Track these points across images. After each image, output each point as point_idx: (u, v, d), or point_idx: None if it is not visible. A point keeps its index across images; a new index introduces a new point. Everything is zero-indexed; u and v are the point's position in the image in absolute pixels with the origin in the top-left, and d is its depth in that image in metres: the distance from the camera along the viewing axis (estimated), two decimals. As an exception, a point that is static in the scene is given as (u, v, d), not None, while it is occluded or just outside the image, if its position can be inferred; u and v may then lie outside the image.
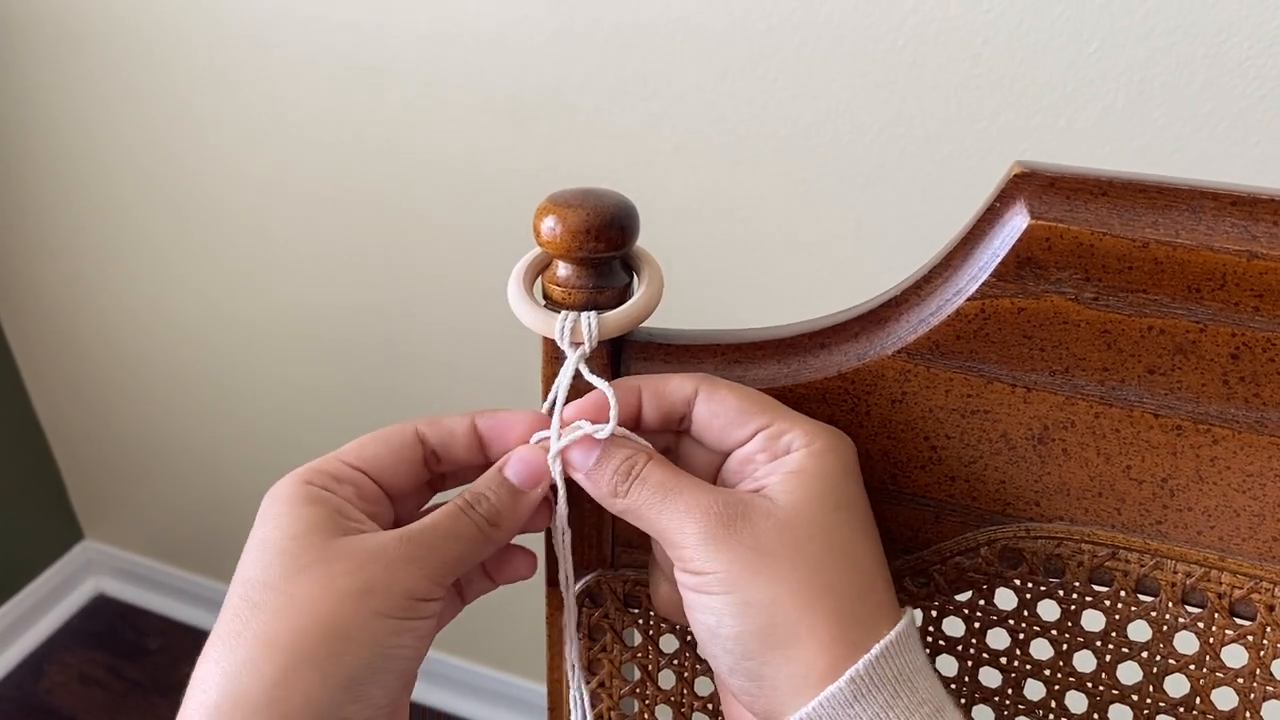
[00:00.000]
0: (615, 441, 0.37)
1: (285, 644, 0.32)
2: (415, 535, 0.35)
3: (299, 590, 0.33)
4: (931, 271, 0.36)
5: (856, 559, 0.34)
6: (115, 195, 1.23)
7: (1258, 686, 0.38)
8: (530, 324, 0.38)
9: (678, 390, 0.37)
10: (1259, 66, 0.73)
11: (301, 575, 0.33)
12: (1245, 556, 0.36)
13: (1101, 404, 0.36)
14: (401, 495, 0.39)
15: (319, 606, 0.32)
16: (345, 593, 0.33)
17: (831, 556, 0.33)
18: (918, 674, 0.33)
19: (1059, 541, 0.38)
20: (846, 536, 0.34)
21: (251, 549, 0.35)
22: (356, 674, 0.32)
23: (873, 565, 0.35)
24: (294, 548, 0.34)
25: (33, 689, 1.50)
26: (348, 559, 0.34)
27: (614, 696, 0.45)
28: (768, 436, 0.36)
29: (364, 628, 0.33)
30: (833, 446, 0.35)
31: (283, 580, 0.33)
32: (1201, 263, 0.33)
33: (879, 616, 0.33)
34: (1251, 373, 0.34)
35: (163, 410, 1.42)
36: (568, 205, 0.36)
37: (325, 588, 0.33)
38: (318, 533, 0.34)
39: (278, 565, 0.33)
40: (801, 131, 0.87)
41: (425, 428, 0.39)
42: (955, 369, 0.36)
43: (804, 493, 0.34)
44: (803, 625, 0.32)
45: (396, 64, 0.98)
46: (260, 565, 0.34)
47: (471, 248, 1.07)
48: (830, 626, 0.32)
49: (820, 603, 0.33)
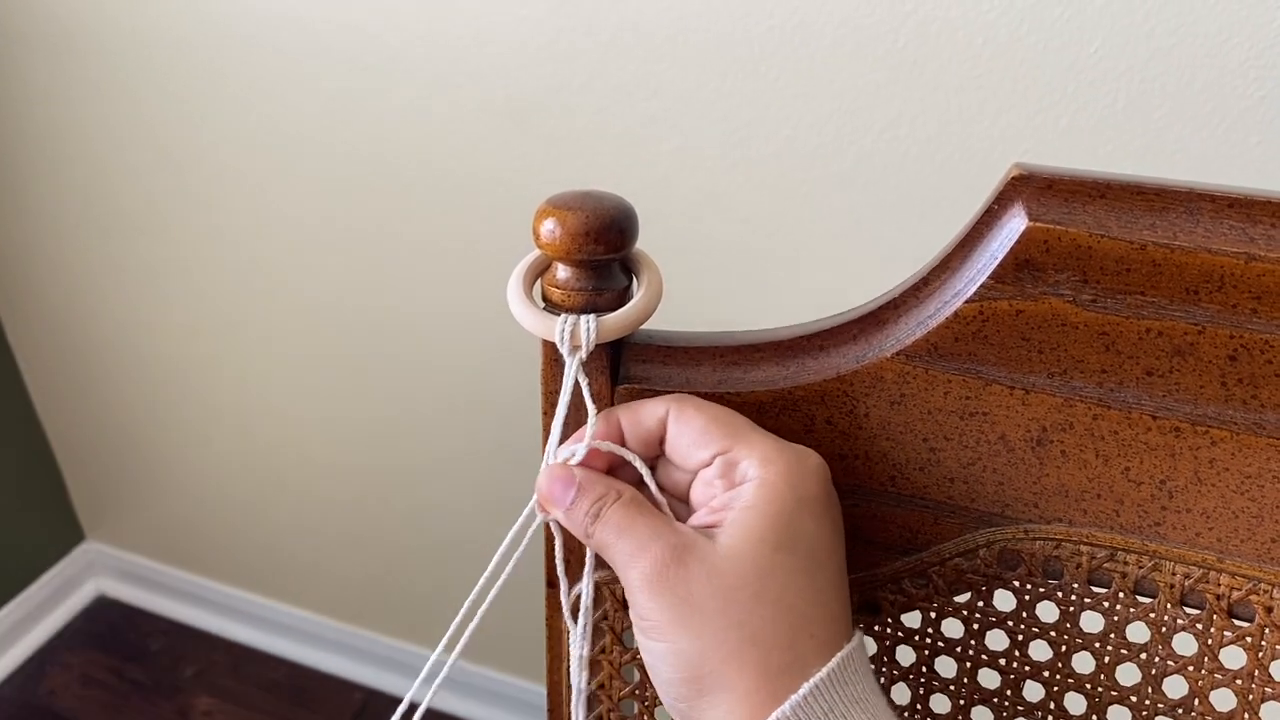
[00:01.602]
0: (590, 480, 0.38)
1: None
2: None
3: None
4: (930, 274, 0.36)
5: (789, 605, 0.34)
6: (115, 197, 1.23)
7: (1256, 688, 0.38)
8: (529, 326, 0.38)
9: (650, 413, 0.38)
10: (1260, 67, 0.73)
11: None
12: (1244, 558, 0.36)
13: (1100, 406, 0.36)
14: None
15: None
16: None
17: (760, 606, 0.34)
18: (853, 706, 0.34)
19: (1058, 543, 0.38)
20: (781, 582, 0.34)
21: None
22: None
23: (810, 607, 0.35)
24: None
25: (34, 690, 1.51)
26: None
27: (614, 698, 0.45)
28: (725, 462, 0.36)
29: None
30: (787, 474, 0.35)
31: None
32: (1199, 265, 0.33)
33: (809, 662, 0.34)
34: (1249, 374, 0.34)
35: (164, 411, 1.42)
36: (567, 208, 0.36)
37: None
38: None
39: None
40: (802, 132, 0.87)
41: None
42: (954, 371, 0.36)
43: (744, 534, 0.35)
44: (725, 677, 0.34)
45: (397, 65, 0.99)
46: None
47: (472, 249, 1.07)
48: (750, 678, 0.33)
49: (742, 655, 0.34)
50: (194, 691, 1.48)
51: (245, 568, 1.50)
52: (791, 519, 0.35)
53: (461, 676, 1.43)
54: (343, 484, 1.33)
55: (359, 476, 1.31)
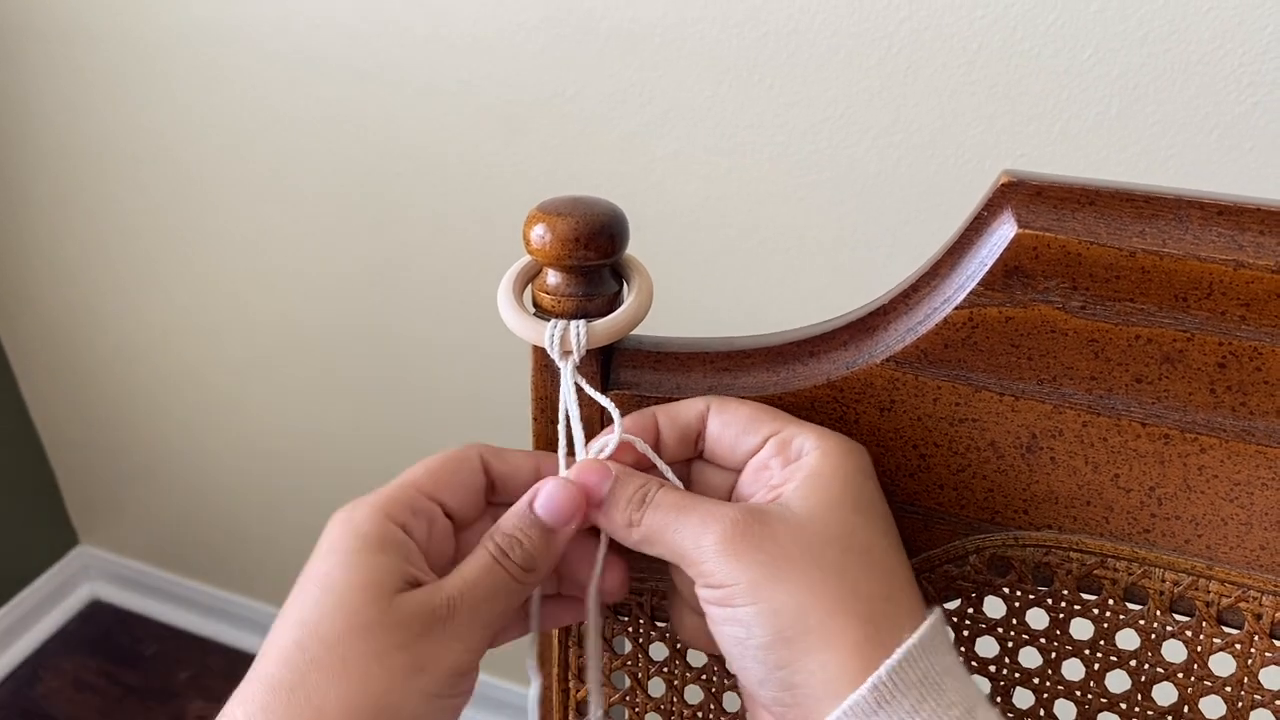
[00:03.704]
0: (626, 475, 0.36)
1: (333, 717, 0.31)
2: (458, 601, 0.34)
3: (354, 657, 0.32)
4: (919, 280, 0.36)
5: (878, 561, 0.34)
6: (112, 200, 1.23)
7: (1245, 695, 0.38)
8: (519, 332, 0.38)
9: (689, 409, 0.38)
10: (1252, 73, 0.73)
11: (358, 638, 0.32)
12: (1233, 565, 0.36)
13: (1089, 413, 0.36)
14: (464, 525, 0.38)
15: (372, 683, 0.32)
16: (397, 670, 0.32)
17: (854, 559, 0.33)
18: (946, 675, 0.32)
19: (1047, 549, 0.38)
20: (867, 539, 0.34)
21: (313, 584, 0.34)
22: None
23: (896, 566, 0.34)
24: (356, 601, 0.33)
25: (28, 694, 1.50)
26: (402, 629, 0.33)
27: (604, 704, 0.45)
28: (779, 442, 0.36)
29: (414, 710, 0.33)
30: (846, 449, 0.36)
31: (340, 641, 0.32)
32: (1188, 272, 0.33)
33: (905, 619, 0.33)
34: (1238, 381, 0.34)
35: (159, 415, 1.41)
36: (557, 213, 0.36)
37: (380, 661, 0.32)
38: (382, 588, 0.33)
39: (338, 619, 0.33)
40: (796, 138, 0.87)
41: (490, 458, 0.38)
42: (943, 377, 0.37)
43: (820, 496, 0.34)
44: (833, 629, 0.32)
45: (394, 69, 0.99)
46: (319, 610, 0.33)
47: (469, 253, 1.07)
48: (860, 628, 0.32)
49: (848, 606, 0.32)
50: (188, 696, 1.48)
51: (240, 572, 1.50)
52: (859, 486, 0.35)
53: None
54: (337, 488, 1.33)
55: (353, 480, 1.31)
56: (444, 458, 0.38)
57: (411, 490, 0.36)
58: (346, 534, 0.35)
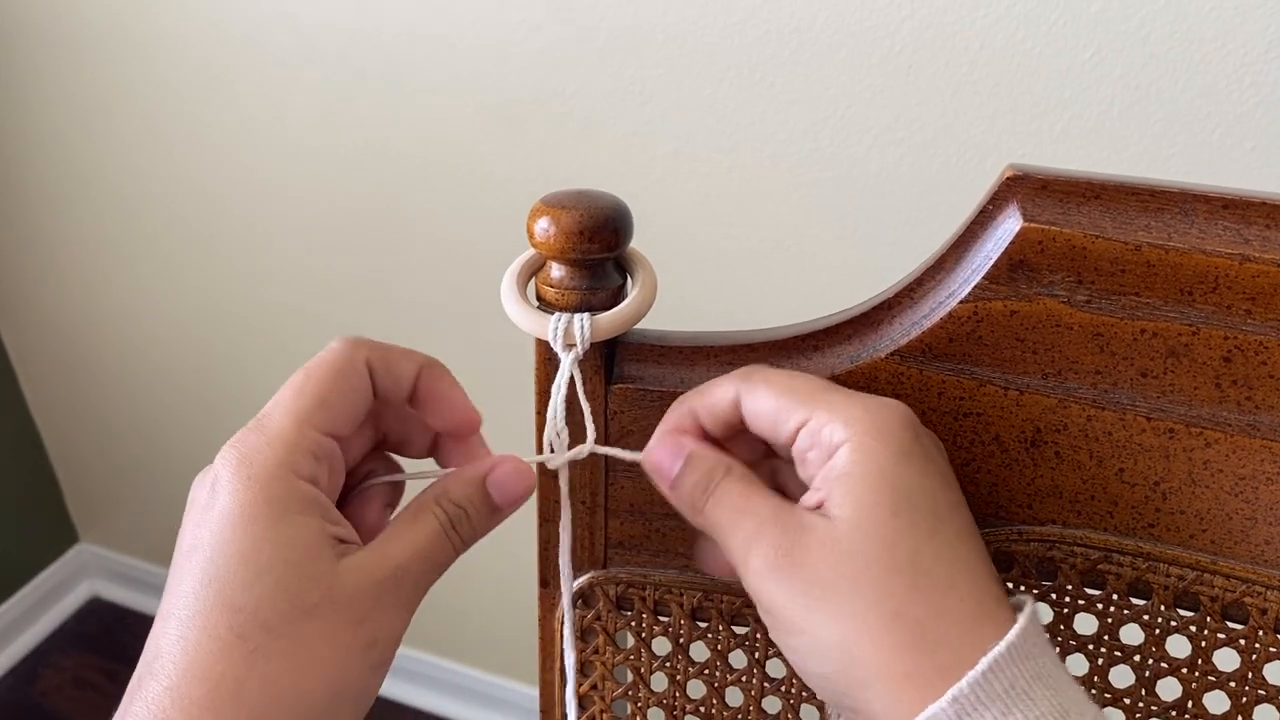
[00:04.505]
0: (700, 452, 0.36)
1: (288, 708, 0.30)
2: (404, 572, 0.33)
3: (304, 642, 0.30)
4: (924, 274, 0.36)
5: (925, 571, 0.31)
6: (111, 200, 1.23)
7: (1250, 690, 0.38)
8: (523, 325, 0.38)
9: (721, 398, 0.35)
10: (1255, 73, 0.73)
11: (306, 621, 0.30)
12: (1237, 560, 0.36)
13: (1094, 407, 0.36)
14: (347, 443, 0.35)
15: (326, 667, 0.30)
16: (350, 649, 0.31)
17: (898, 580, 0.31)
18: (1036, 681, 0.30)
19: (1051, 544, 0.38)
20: (910, 548, 0.31)
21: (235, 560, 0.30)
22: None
23: (948, 570, 0.31)
24: (295, 580, 0.30)
25: (27, 692, 1.50)
26: (350, 606, 0.31)
27: (606, 699, 0.45)
28: (810, 433, 0.33)
29: (363, 684, 0.32)
30: (876, 431, 0.32)
31: (286, 625, 0.30)
32: (1194, 266, 0.33)
33: (964, 633, 0.30)
34: (1244, 376, 0.34)
35: (159, 413, 1.41)
36: (561, 206, 0.36)
37: (333, 643, 0.31)
38: (318, 560, 0.31)
39: (280, 602, 0.30)
40: (798, 136, 0.87)
41: (376, 365, 0.35)
42: (948, 371, 0.36)
43: (855, 504, 0.31)
44: (879, 661, 0.30)
45: (393, 67, 0.99)
46: (254, 594, 0.30)
47: (467, 251, 1.07)
48: (908, 658, 0.30)
49: (893, 636, 0.30)
50: (187, 694, 1.47)
51: (239, 570, 1.50)
52: (897, 477, 0.32)
53: (452, 679, 1.42)
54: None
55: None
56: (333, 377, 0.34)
57: (311, 432, 0.33)
58: (256, 498, 0.31)
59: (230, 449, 0.32)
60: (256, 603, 0.30)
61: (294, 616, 0.30)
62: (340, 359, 0.34)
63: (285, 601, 0.30)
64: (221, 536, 0.31)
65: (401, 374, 0.35)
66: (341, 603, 0.31)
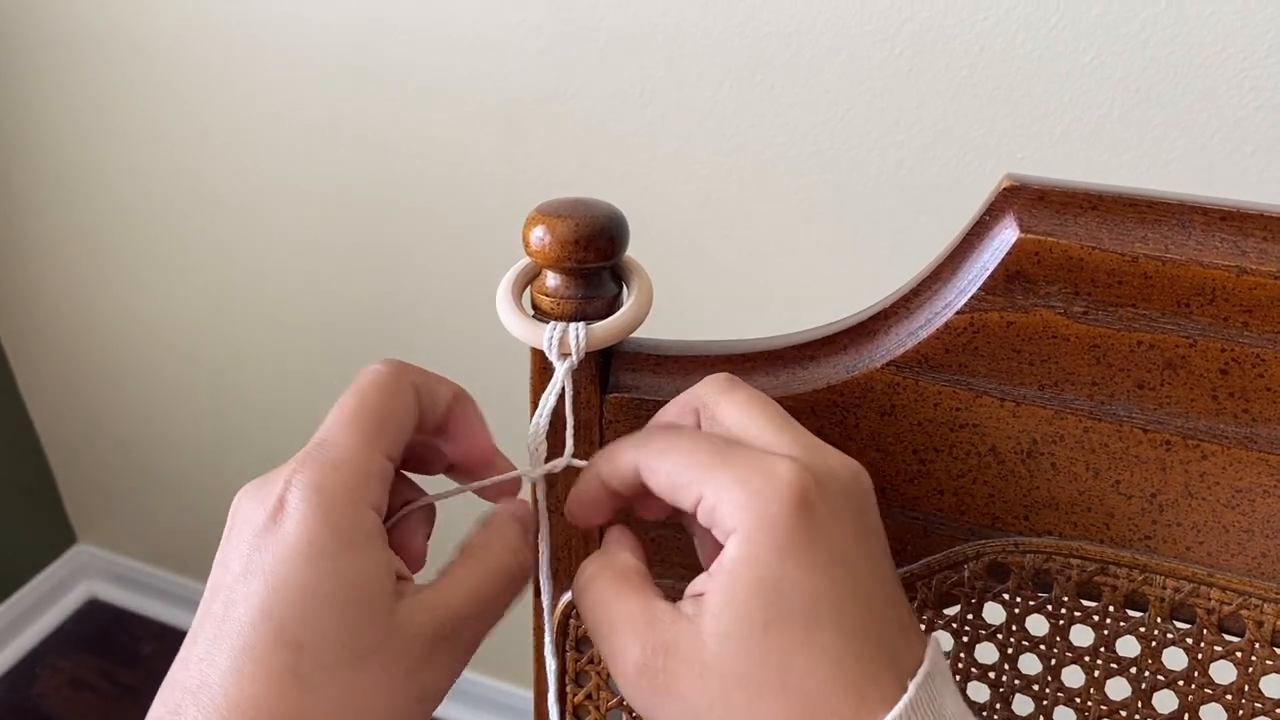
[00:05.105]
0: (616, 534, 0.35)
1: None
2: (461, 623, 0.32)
3: (357, 687, 0.29)
4: (920, 284, 0.36)
5: (794, 688, 0.29)
6: (110, 200, 1.23)
7: (1245, 703, 0.37)
8: (518, 334, 0.38)
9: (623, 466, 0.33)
10: (1255, 78, 0.73)
11: (360, 667, 0.29)
12: (1234, 572, 0.36)
13: (1090, 418, 0.35)
14: None
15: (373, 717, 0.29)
16: (403, 699, 0.30)
17: (765, 700, 0.29)
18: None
19: (1048, 556, 0.38)
20: (779, 665, 0.29)
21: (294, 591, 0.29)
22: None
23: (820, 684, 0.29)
24: (355, 620, 0.29)
25: (25, 693, 1.50)
26: (408, 654, 0.30)
27: (601, 709, 0.45)
28: (706, 512, 0.31)
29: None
30: (766, 518, 0.29)
31: (341, 667, 0.29)
32: (1191, 277, 0.33)
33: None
34: (1241, 388, 0.34)
35: (157, 414, 1.41)
36: (556, 215, 0.36)
37: (387, 692, 0.29)
38: (379, 600, 0.30)
39: (338, 642, 0.29)
40: (798, 140, 0.87)
41: (422, 390, 0.34)
42: (944, 382, 0.36)
43: (729, 614, 0.29)
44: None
45: (394, 68, 0.98)
46: (313, 630, 0.29)
47: (468, 254, 1.07)
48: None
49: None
50: (185, 695, 1.47)
51: (238, 571, 1.50)
52: (777, 581, 0.29)
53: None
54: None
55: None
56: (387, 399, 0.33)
57: (378, 457, 0.32)
58: (324, 529, 0.29)
59: (299, 473, 0.31)
60: (316, 640, 0.29)
61: (348, 660, 0.29)
62: (390, 381, 0.33)
63: (342, 643, 0.29)
64: (286, 567, 0.29)
65: (439, 399, 0.35)
66: (396, 651, 0.30)
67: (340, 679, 0.29)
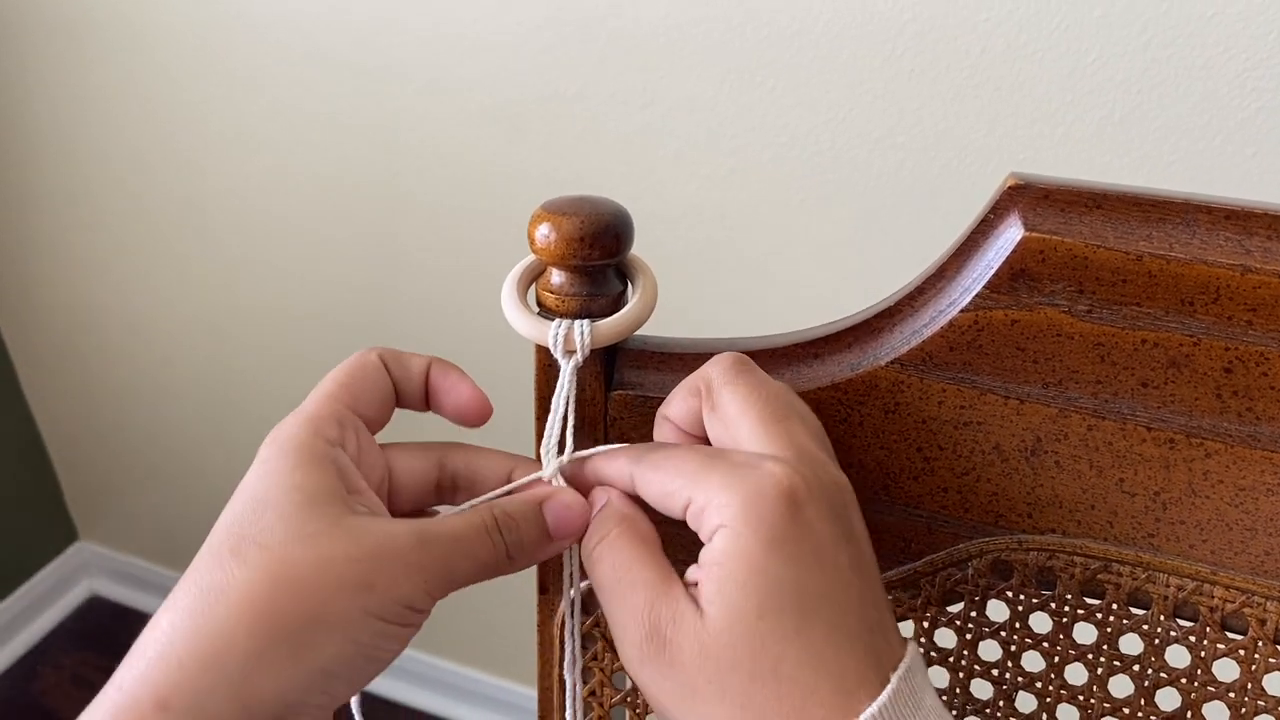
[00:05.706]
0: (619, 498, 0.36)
1: (267, 617, 0.30)
2: (431, 540, 0.33)
3: (294, 560, 0.31)
4: (925, 282, 0.36)
5: (787, 677, 0.30)
6: (111, 196, 1.23)
7: (1249, 701, 0.38)
8: (523, 331, 0.38)
9: (618, 476, 0.36)
10: (1256, 79, 0.73)
11: (301, 545, 0.31)
12: (1237, 570, 0.36)
13: (1094, 417, 0.35)
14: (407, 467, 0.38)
15: (312, 589, 0.31)
16: (342, 582, 0.31)
17: (756, 686, 0.30)
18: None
19: (1051, 554, 0.38)
20: (774, 654, 0.30)
21: (246, 503, 0.32)
22: (331, 667, 0.31)
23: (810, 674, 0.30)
24: (297, 515, 0.32)
25: (26, 690, 1.50)
26: (354, 545, 0.31)
27: (605, 705, 0.45)
28: (694, 516, 0.32)
29: (352, 624, 0.31)
30: (747, 516, 0.31)
31: (280, 545, 0.31)
32: (1195, 276, 0.33)
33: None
34: (1244, 387, 0.34)
35: (158, 412, 1.41)
36: (562, 213, 0.36)
37: (323, 569, 0.31)
38: (326, 504, 0.32)
39: (278, 529, 0.31)
40: (799, 140, 0.87)
41: (389, 361, 0.38)
42: (948, 380, 0.36)
43: (723, 603, 0.31)
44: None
45: (395, 68, 0.98)
46: (257, 523, 0.32)
47: (469, 253, 1.07)
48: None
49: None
50: (185, 693, 1.48)
51: (238, 569, 1.50)
52: (765, 572, 0.30)
53: (451, 680, 1.42)
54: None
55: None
56: (351, 368, 0.37)
57: (333, 403, 0.35)
58: (275, 453, 0.33)
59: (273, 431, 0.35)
60: (258, 531, 0.32)
61: (289, 540, 0.31)
62: (355, 356, 0.38)
63: (284, 530, 0.31)
64: (248, 490, 0.33)
65: (411, 366, 0.38)
66: (340, 537, 0.31)
67: (276, 555, 0.31)
